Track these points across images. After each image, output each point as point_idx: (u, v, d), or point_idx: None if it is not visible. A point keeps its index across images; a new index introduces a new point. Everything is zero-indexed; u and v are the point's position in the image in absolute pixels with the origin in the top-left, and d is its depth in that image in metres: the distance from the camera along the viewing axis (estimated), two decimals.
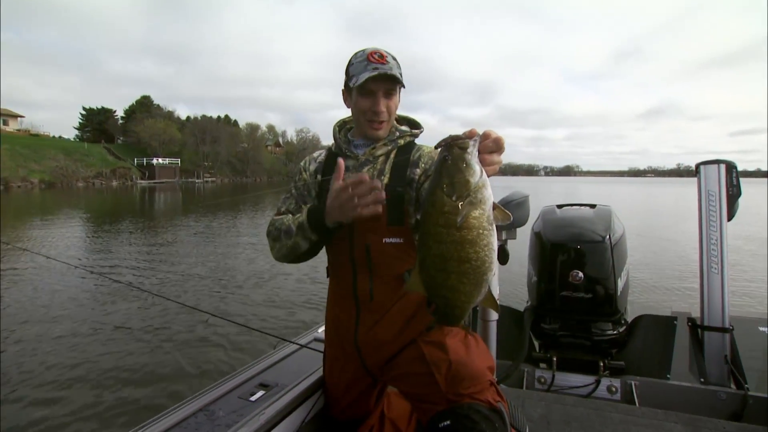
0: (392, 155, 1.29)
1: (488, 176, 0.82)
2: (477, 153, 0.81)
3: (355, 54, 1.25)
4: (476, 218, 0.79)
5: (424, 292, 0.89)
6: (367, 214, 1.00)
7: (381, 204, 1.01)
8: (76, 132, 69.63)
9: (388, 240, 1.23)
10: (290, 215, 1.30)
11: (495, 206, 0.82)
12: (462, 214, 0.79)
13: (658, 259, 8.52)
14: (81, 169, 52.21)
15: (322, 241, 1.24)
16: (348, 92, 1.29)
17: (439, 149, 0.83)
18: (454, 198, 0.79)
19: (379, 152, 1.29)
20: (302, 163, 1.43)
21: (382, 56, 1.20)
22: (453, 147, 0.80)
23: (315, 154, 1.44)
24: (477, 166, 0.80)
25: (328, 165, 1.35)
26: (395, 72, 1.20)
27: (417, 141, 1.35)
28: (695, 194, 1.94)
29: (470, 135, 0.82)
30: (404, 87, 1.25)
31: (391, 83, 1.22)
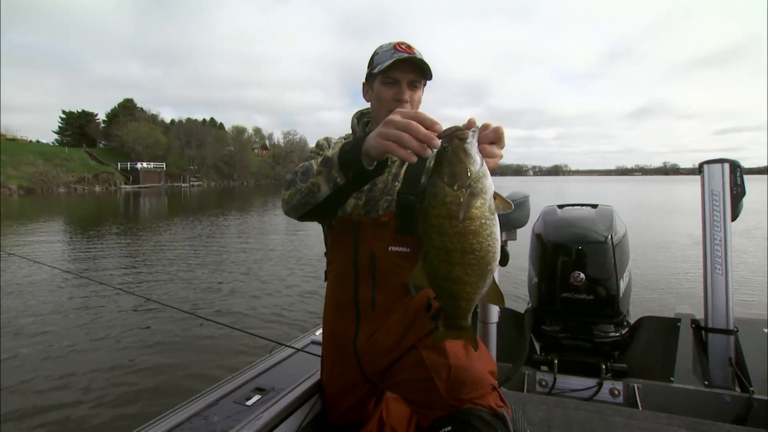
0: None
1: (489, 168, 0.84)
2: (476, 143, 0.83)
3: (381, 45, 1.25)
4: (478, 208, 0.81)
5: (428, 285, 0.90)
6: (403, 155, 0.86)
7: (426, 154, 0.86)
8: (56, 136, 69.23)
9: (394, 248, 1.21)
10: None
11: (496, 195, 0.84)
12: (464, 205, 0.80)
13: (660, 260, 8.60)
14: (62, 174, 51.77)
15: (347, 188, 1.05)
16: (369, 83, 1.27)
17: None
18: (455, 188, 0.81)
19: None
20: (322, 141, 1.39)
21: (409, 46, 1.20)
22: (452, 138, 0.82)
23: (333, 138, 1.40)
24: (477, 156, 0.82)
25: None
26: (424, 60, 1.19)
27: None
28: (683, 191, 1.96)
29: (469, 125, 0.83)
30: (431, 79, 1.23)
31: (417, 74, 1.20)
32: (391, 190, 1.24)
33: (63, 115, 69.27)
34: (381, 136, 0.89)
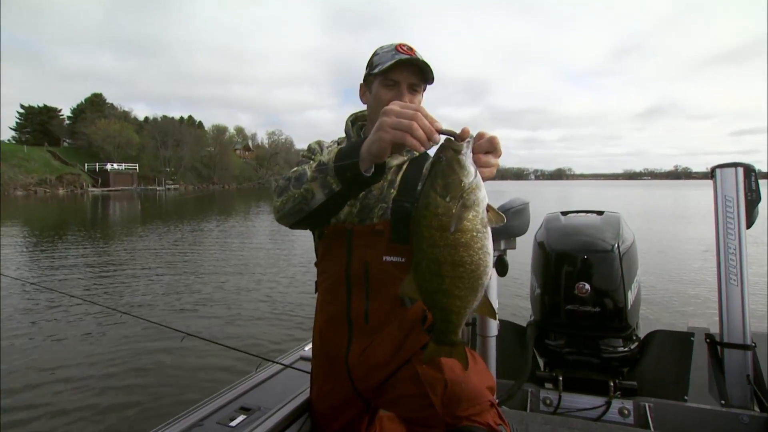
0: (405, 166, 1.31)
1: (485, 178, 0.90)
2: (471, 154, 0.88)
3: (381, 46, 1.30)
4: (470, 220, 0.86)
5: (418, 297, 0.95)
6: (414, 144, 0.90)
7: (432, 143, 0.91)
8: (13, 133, 68.52)
9: (389, 258, 1.24)
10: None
11: (489, 208, 0.88)
12: (455, 217, 0.85)
13: (671, 270, 8.67)
14: (20, 175, 51.18)
15: (343, 194, 1.09)
16: (367, 85, 1.31)
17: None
18: (447, 199, 0.85)
19: (394, 162, 1.30)
20: (314, 145, 1.41)
21: (411, 48, 1.24)
22: (446, 148, 0.87)
23: (325, 143, 1.43)
24: (471, 167, 0.87)
25: None
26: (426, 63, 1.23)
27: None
28: (695, 196, 1.98)
29: (463, 135, 0.88)
30: (432, 83, 1.27)
31: (418, 77, 1.24)
32: (386, 198, 1.27)
33: (21, 110, 68.74)
34: (392, 126, 0.91)
